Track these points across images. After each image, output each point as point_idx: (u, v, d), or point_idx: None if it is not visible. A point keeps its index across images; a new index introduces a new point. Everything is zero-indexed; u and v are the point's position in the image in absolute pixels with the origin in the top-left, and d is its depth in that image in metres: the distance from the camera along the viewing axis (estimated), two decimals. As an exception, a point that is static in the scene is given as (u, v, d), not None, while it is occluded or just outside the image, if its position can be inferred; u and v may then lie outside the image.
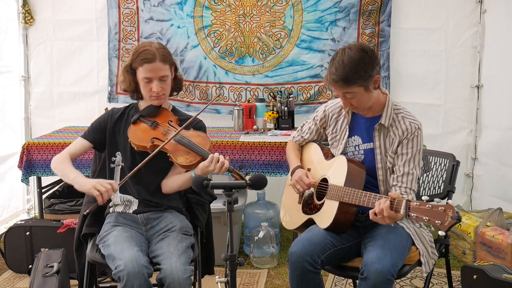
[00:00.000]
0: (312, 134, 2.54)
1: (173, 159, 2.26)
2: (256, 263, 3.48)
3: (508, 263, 3.09)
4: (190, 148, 2.27)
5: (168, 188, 2.38)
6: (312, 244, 2.17)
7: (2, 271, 3.39)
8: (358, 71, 2.12)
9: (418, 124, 2.25)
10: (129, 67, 2.35)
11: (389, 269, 2.00)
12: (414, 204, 1.84)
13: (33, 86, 4.43)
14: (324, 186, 2.32)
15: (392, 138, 2.26)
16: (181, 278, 2.02)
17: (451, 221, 1.71)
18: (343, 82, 2.14)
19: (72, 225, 3.19)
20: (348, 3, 4.05)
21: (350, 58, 2.13)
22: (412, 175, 2.22)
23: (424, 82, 4.09)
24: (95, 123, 2.43)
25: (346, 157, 2.29)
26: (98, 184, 2.14)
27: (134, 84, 2.37)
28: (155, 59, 2.28)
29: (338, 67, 2.13)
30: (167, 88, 2.36)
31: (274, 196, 3.94)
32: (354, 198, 2.12)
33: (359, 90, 2.16)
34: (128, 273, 1.99)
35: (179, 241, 2.20)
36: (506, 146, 3.67)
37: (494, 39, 3.86)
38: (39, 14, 4.33)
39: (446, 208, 1.73)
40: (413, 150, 2.22)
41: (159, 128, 2.34)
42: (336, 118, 2.42)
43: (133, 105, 2.48)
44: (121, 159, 2.37)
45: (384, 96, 2.30)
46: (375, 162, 2.28)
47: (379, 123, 2.27)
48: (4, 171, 4.17)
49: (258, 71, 4.23)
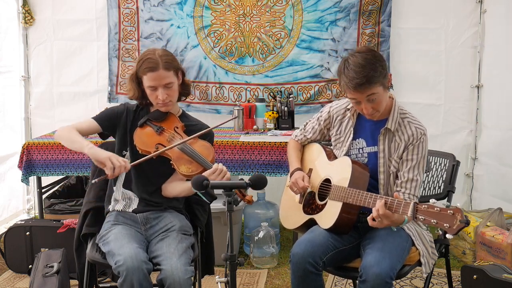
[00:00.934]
0: (316, 134, 2.52)
1: (176, 167, 2.26)
2: (256, 263, 3.48)
3: (508, 263, 3.09)
4: (193, 158, 2.27)
5: (168, 193, 2.39)
6: (315, 245, 2.17)
7: (2, 271, 3.39)
8: (377, 68, 2.12)
9: (424, 129, 2.25)
10: (134, 76, 2.35)
11: (387, 272, 2.00)
12: (422, 206, 1.84)
13: (33, 86, 4.43)
14: (326, 186, 2.32)
15: (398, 143, 2.25)
16: (182, 279, 2.02)
17: (460, 225, 1.71)
18: (368, 83, 2.10)
19: (72, 225, 3.19)
20: (348, 3, 4.05)
21: (365, 59, 2.11)
22: (416, 181, 2.22)
23: (424, 82, 4.09)
24: (111, 111, 2.42)
25: (351, 159, 2.28)
26: (113, 157, 2.15)
27: (141, 91, 2.37)
28: (158, 68, 2.27)
29: (358, 70, 2.10)
30: (173, 95, 2.35)
31: (274, 196, 3.94)
32: (358, 199, 2.11)
33: (380, 90, 2.15)
34: (127, 268, 2.00)
35: (179, 241, 2.20)
36: (506, 146, 3.67)
37: (494, 39, 3.85)
38: (39, 14, 4.33)
39: (454, 211, 1.74)
40: (418, 156, 2.22)
41: (164, 134, 2.34)
42: (341, 120, 2.41)
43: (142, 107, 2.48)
44: (129, 156, 2.37)
45: (390, 100, 2.29)
46: (378, 166, 2.27)
47: (385, 127, 2.26)
48: (4, 171, 4.17)
49: (258, 71, 4.23)
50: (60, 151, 3.53)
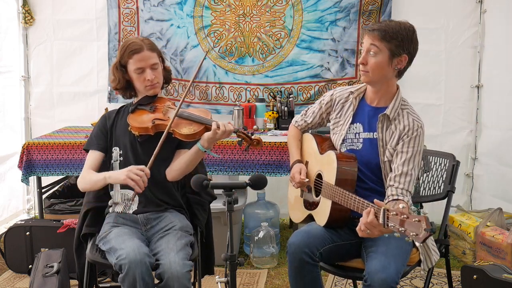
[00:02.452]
0: (316, 119, 2.49)
1: (177, 132, 2.26)
2: (256, 263, 3.48)
3: (508, 263, 3.09)
4: (193, 119, 2.29)
5: (175, 172, 2.35)
6: (311, 236, 2.17)
7: (2, 271, 3.39)
8: (397, 34, 2.13)
9: (421, 123, 2.22)
10: (118, 64, 2.37)
11: (393, 278, 1.99)
12: (391, 213, 1.77)
13: (33, 86, 4.43)
14: (319, 182, 2.31)
15: (393, 131, 2.21)
16: (180, 272, 2.02)
17: (425, 234, 1.64)
18: (379, 32, 2.14)
19: (72, 225, 3.19)
20: (348, 3, 4.05)
21: (399, 23, 2.17)
22: (411, 176, 2.16)
23: (424, 82, 4.09)
24: (96, 130, 2.44)
25: (336, 153, 2.23)
26: (130, 173, 2.16)
27: (125, 81, 2.39)
28: (143, 49, 2.33)
29: (383, 22, 2.19)
30: (159, 77, 2.40)
31: (274, 196, 3.94)
32: (344, 200, 2.09)
33: (384, 53, 2.15)
34: (130, 261, 2.00)
35: (178, 238, 2.21)
36: (506, 146, 3.67)
37: (494, 39, 3.85)
38: (39, 14, 4.33)
39: (420, 219, 1.66)
40: (413, 149, 2.17)
41: (158, 110, 2.37)
42: (343, 103, 2.38)
43: (127, 104, 2.50)
44: (118, 153, 2.37)
45: (395, 88, 2.28)
46: (379, 154, 2.23)
47: (383, 113, 2.23)
48: (4, 171, 4.17)
49: (258, 71, 4.23)
50: (60, 151, 3.53)
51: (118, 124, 2.42)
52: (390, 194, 2.15)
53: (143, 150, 2.32)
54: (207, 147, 2.27)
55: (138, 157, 2.33)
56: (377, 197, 2.21)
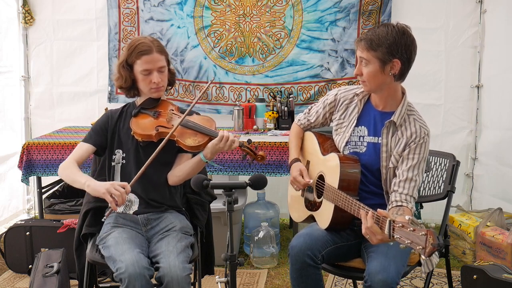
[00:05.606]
0: (319, 118, 2.46)
1: (181, 142, 2.24)
2: (256, 263, 3.48)
3: (508, 263, 3.09)
4: (197, 129, 2.27)
5: (176, 178, 2.35)
6: (313, 239, 2.17)
7: (2, 271, 3.39)
8: (383, 41, 2.09)
9: (428, 130, 2.21)
10: (125, 63, 2.34)
11: (393, 278, 1.99)
12: (397, 225, 1.75)
13: (33, 86, 4.43)
14: (321, 183, 2.30)
15: (399, 138, 2.20)
16: (180, 276, 2.02)
17: (432, 248, 1.62)
18: (365, 42, 2.11)
19: (72, 225, 3.19)
20: (348, 3, 4.05)
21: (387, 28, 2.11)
22: (415, 182, 2.16)
23: (424, 82, 4.09)
24: (96, 126, 2.42)
25: (339, 156, 2.22)
26: (111, 188, 2.11)
27: (131, 80, 2.36)
28: (152, 51, 2.29)
29: (371, 30, 2.14)
30: (165, 80, 2.38)
31: (274, 196, 3.95)
32: (346, 205, 2.08)
33: (374, 62, 2.12)
34: (130, 275, 1.99)
35: (178, 240, 2.20)
36: (506, 146, 3.67)
37: (494, 39, 3.86)
38: (39, 14, 4.33)
39: (427, 233, 1.64)
40: (419, 156, 2.17)
41: (162, 116, 2.35)
42: (347, 105, 2.35)
43: (130, 103, 2.48)
44: (121, 156, 2.36)
45: (401, 94, 2.25)
46: (380, 160, 2.22)
47: (390, 120, 2.21)
48: (4, 171, 4.17)
49: (258, 71, 4.23)
50: (60, 151, 3.53)
51: (121, 126, 2.39)
52: (394, 200, 2.14)
53: (146, 155, 2.29)
54: (209, 158, 2.26)
55: (140, 161, 2.30)
56: (377, 199, 2.22)
